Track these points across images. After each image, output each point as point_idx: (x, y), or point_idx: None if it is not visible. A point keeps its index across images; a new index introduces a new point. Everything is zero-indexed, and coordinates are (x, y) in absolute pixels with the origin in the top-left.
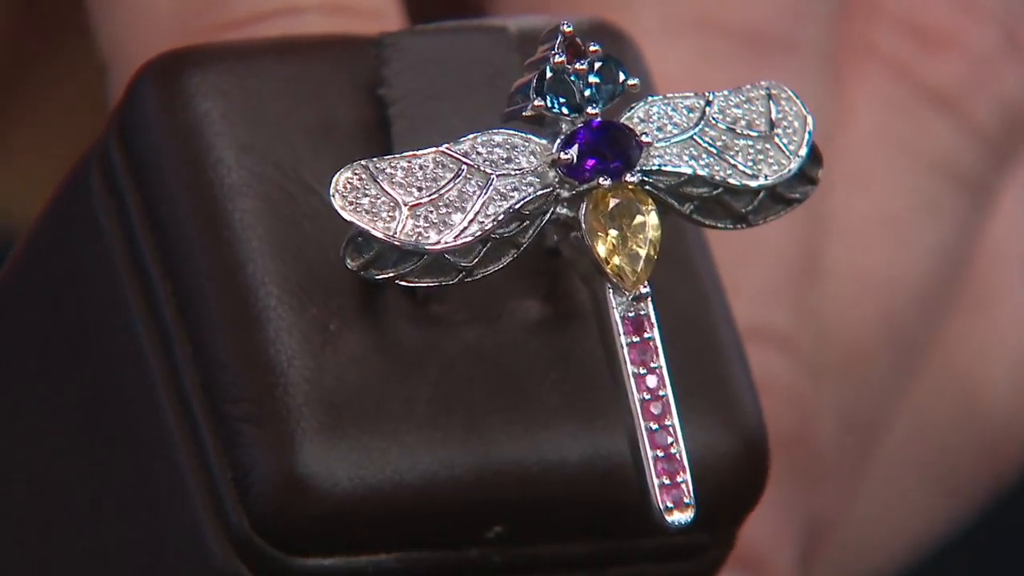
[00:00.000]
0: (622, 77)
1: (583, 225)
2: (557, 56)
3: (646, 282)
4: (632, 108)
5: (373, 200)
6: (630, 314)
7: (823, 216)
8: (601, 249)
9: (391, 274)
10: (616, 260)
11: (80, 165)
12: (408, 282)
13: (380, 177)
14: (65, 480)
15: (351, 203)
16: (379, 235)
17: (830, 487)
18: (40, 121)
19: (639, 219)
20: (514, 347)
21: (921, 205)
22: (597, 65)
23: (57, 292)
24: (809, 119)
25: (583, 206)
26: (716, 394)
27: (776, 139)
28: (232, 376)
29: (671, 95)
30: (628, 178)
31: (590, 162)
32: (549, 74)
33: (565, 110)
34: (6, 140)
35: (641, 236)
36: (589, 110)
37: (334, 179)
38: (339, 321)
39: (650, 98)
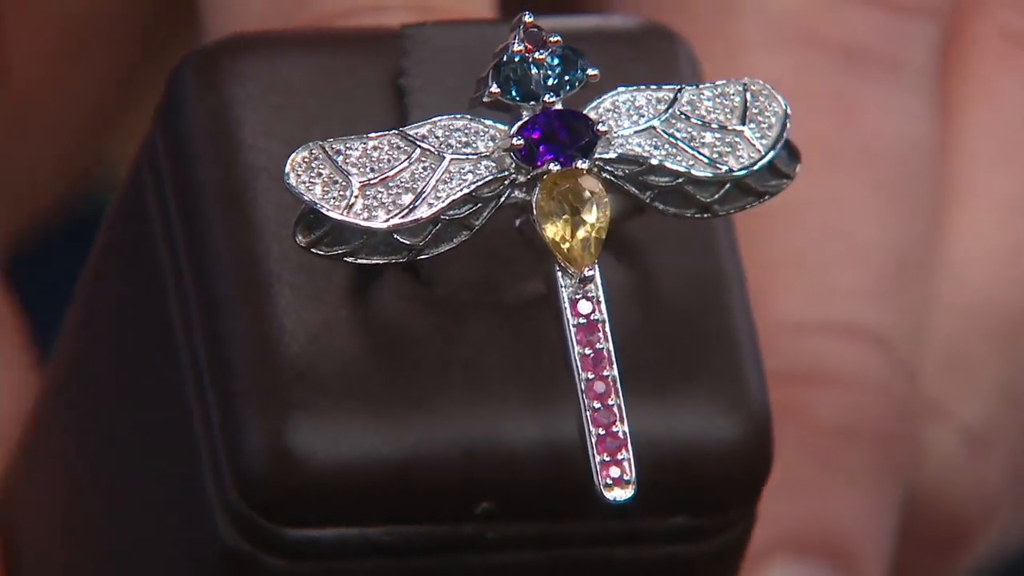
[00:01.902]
0: (583, 67)
1: (534, 208)
2: (516, 44)
3: (593, 265)
4: (600, 97)
5: (326, 179)
6: (577, 296)
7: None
8: (549, 231)
9: (340, 251)
10: (563, 243)
11: (139, 150)
12: (357, 260)
13: (335, 157)
14: (112, 439)
15: (303, 181)
16: (329, 213)
17: (992, 464)
18: None
19: (587, 204)
20: (509, 329)
21: None
22: (557, 55)
23: (119, 274)
24: (788, 116)
25: (536, 190)
26: (722, 378)
27: (747, 133)
28: (231, 351)
29: (643, 86)
30: (579, 164)
31: (544, 149)
32: (507, 62)
33: (520, 98)
34: (137, 120)
35: (588, 220)
36: (547, 98)
37: (290, 157)
38: (339, 301)
39: (620, 88)
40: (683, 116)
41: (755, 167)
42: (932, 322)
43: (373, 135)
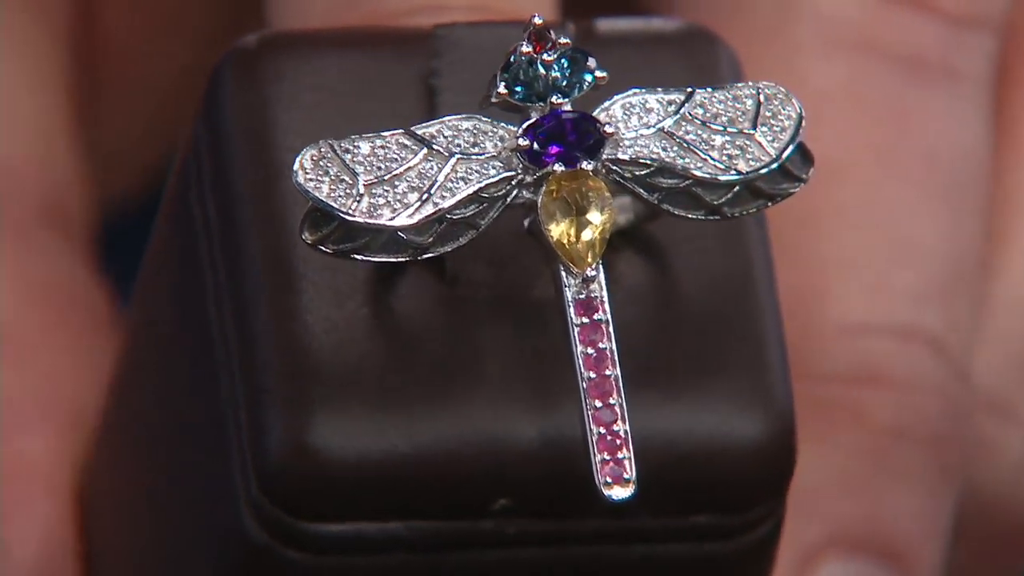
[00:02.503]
0: (592, 69)
1: (539, 209)
2: (524, 46)
3: (595, 265)
4: (611, 99)
5: (333, 177)
6: (580, 295)
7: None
8: (554, 232)
9: (346, 248)
10: (566, 243)
11: (186, 142)
12: (363, 257)
13: (343, 155)
14: (158, 433)
15: (311, 179)
16: (335, 211)
17: None
18: None
19: (590, 204)
20: (532, 328)
21: None
22: (566, 56)
23: (168, 268)
24: (802, 119)
25: (541, 191)
26: (745, 376)
27: (759, 136)
28: (256, 348)
29: (654, 88)
30: (584, 165)
31: (552, 149)
32: (515, 63)
33: (527, 99)
34: None
35: (593, 221)
36: (554, 99)
37: (299, 155)
38: (363, 298)
39: (632, 90)
40: (693, 118)
41: (764, 170)
42: (994, 324)
43: (382, 134)
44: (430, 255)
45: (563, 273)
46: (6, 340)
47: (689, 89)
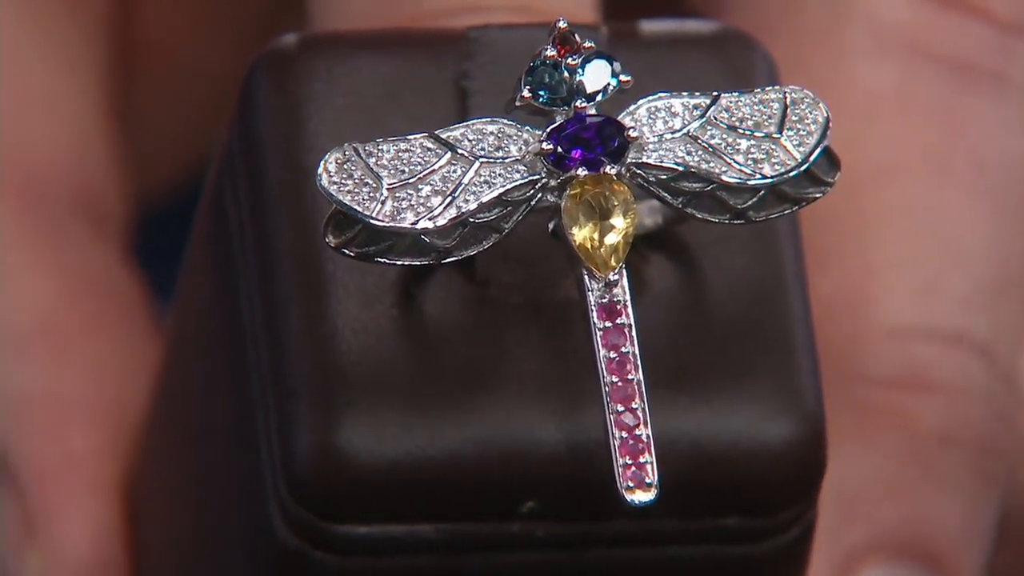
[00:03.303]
0: (616, 73)
1: (562, 213)
2: (549, 49)
3: (618, 269)
4: (636, 103)
5: (357, 180)
6: (603, 299)
7: None
8: (576, 236)
9: (369, 251)
10: (589, 247)
11: (223, 142)
12: (386, 261)
13: (367, 158)
14: (196, 434)
15: (335, 182)
16: (358, 214)
17: None
18: None
19: (614, 208)
20: (558, 329)
21: None
22: (591, 60)
23: (205, 269)
24: (828, 124)
25: (564, 194)
26: (774, 379)
27: (785, 140)
28: (285, 350)
29: (679, 92)
30: (608, 169)
31: (576, 153)
32: (539, 66)
33: (550, 102)
34: None
35: (616, 225)
36: (578, 103)
37: (323, 159)
38: (392, 300)
39: (659, 93)
40: (719, 122)
41: (790, 174)
42: None
43: (406, 137)
44: (453, 259)
45: (586, 277)
46: (49, 335)
47: (715, 93)
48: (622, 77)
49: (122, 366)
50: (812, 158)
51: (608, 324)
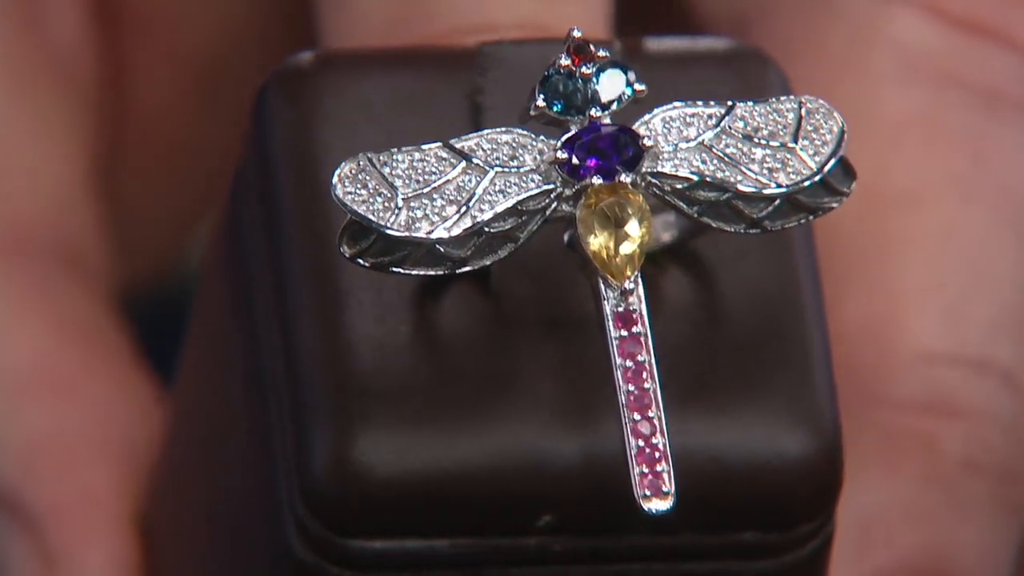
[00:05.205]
0: (631, 82)
1: (577, 222)
2: (563, 59)
3: (634, 278)
4: (651, 113)
5: (372, 190)
6: (619, 308)
7: None
8: (592, 244)
9: (384, 261)
10: (604, 255)
11: (236, 164)
12: (401, 270)
13: (382, 168)
14: (214, 442)
15: (349, 192)
16: (373, 224)
17: None
18: None
19: (628, 218)
20: (573, 341)
21: None
22: (605, 70)
23: (220, 291)
24: (844, 134)
25: (579, 204)
26: (790, 393)
27: (800, 150)
28: (300, 365)
29: (694, 102)
30: (623, 178)
31: (591, 162)
32: (553, 76)
33: (565, 112)
34: None
35: (631, 234)
36: (592, 112)
37: (338, 168)
38: (407, 314)
39: (674, 103)
40: (734, 131)
41: (805, 183)
42: None
43: (420, 147)
44: (468, 268)
45: (602, 286)
46: (47, 377)
47: (730, 102)
48: (637, 86)
49: (123, 402)
50: (828, 168)
51: (624, 333)
